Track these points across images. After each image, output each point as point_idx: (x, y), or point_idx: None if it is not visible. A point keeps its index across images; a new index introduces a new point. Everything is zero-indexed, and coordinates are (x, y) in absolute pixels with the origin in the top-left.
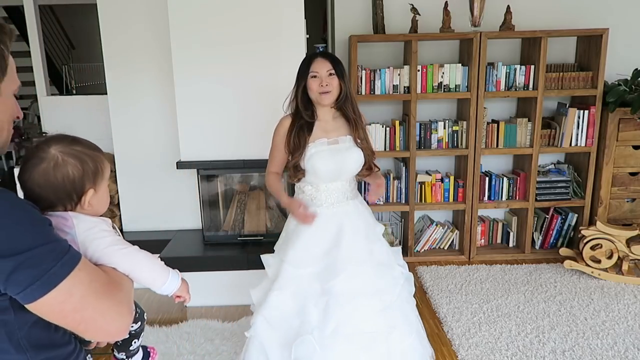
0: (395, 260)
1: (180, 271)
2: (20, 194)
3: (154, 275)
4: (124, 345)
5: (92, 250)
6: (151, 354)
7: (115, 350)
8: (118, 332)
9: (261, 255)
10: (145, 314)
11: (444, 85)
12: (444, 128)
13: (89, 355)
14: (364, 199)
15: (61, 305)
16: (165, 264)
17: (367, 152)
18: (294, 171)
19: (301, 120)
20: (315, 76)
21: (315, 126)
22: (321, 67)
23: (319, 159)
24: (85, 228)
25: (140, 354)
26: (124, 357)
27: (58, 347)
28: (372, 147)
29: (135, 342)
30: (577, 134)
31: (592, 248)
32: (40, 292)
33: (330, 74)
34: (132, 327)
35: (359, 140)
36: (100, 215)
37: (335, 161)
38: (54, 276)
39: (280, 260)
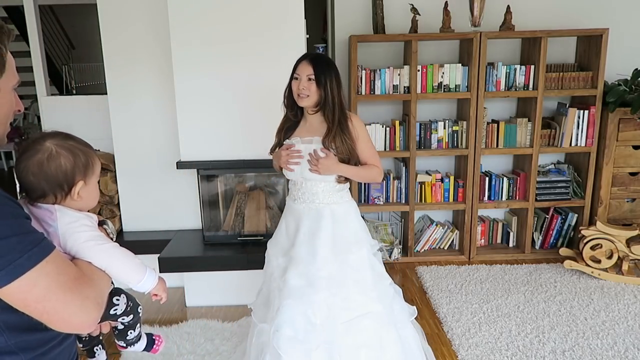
0: (374, 288)
1: (180, 271)
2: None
3: (129, 272)
4: (120, 334)
5: (71, 243)
6: (156, 342)
7: (115, 338)
8: (82, 326)
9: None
10: (139, 307)
11: (444, 85)
12: (444, 128)
13: (102, 346)
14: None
15: (24, 294)
16: (165, 264)
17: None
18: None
19: (289, 122)
20: (296, 78)
21: (300, 126)
22: (302, 70)
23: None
24: (67, 222)
25: (142, 342)
26: (124, 345)
27: (38, 331)
28: (366, 153)
29: (131, 333)
30: (577, 134)
31: (592, 248)
32: (3, 282)
33: (310, 79)
34: (123, 319)
35: (333, 148)
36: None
37: (302, 161)
38: (19, 267)
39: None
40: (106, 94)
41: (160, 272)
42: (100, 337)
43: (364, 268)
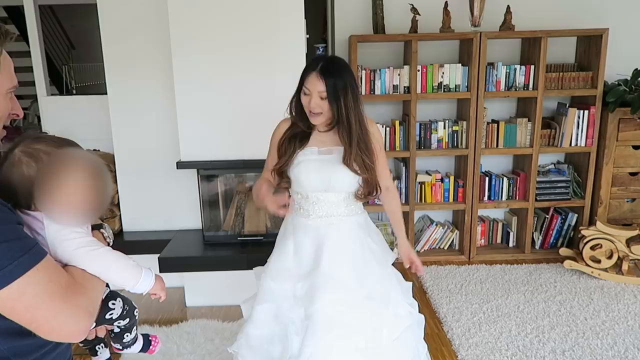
0: (404, 298)
1: (180, 271)
2: None
3: (125, 276)
4: (116, 337)
5: (61, 251)
6: (152, 342)
7: (111, 340)
8: (72, 335)
9: (254, 268)
10: (135, 310)
11: (444, 85)
12: (444, 128)
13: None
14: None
15: (13, 302)
16: (165, 264)
17: (366, 181)
18: (278, 176)
19: (298, 128)
20: (306, 93)
21: (313, 135)
22: (313, 86)
23: (304, 169)
24: (55, 229)
25: (139, 343)
26: (120, 347)
27: (31, 335)
28: (376, 177)
29: (127, 336)
30: (577, 134)
31: (592, 248)
32: None
33: (322, 98)
34: (119, 323)
35: (353, 170)
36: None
37: (322, 173)
38: (8, 274)
39: (263, 271)
40: (106, 94)
41: (160, 272)
42: (103, 336)
43: (397, 278)
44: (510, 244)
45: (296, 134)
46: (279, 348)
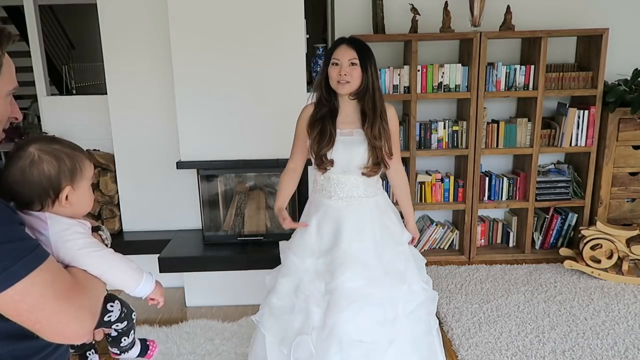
0: (419, 275)
1: (180, 271)
2: None
3: (126, 278)
4: (114, 341)
5: (64, 252)
6: (150, 347)
7: (108, 345)
8: (75, 336)
9: (279, 242)
10: (133, 314)
11: (444, 85)
12: (444, 128)
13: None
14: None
15: (17, 303)
16: (165, 264)
17: (380, 150)
18: (321, 161)
19: (324, 109)
20: (335, 63)
21: (337, 116)
22: (343, 55)
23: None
24: (58, 229)
25: (136, 348)
26: (117, 352)
27: (32, 338)
28: (392, 149)
29: (125, 340)
30: (577, 134)
31: (592, 248)
32: None
33: (352, 64)
34: (117, 326)
35: (371, 137)
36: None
37: (344, 155)
38: (12, 275)
39: (288, 247)
40: (106, 94)
41: (160, 272)
42: (94, 342)
43: (413, 256)
44: (510, 244)
45: (325, 115)
46: (299, 319)
